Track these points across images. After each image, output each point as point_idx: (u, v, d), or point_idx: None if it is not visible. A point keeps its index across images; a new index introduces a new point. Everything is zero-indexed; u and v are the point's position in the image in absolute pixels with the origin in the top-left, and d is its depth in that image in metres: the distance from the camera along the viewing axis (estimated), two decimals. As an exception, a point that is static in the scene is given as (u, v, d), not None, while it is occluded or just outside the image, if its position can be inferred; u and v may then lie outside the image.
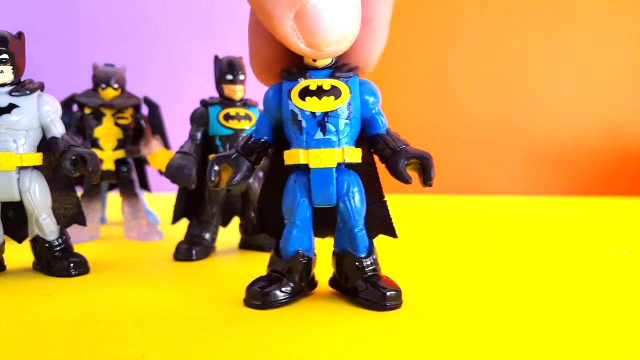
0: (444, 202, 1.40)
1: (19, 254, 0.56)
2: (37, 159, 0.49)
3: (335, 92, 0.37)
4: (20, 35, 0.49)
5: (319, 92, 0.37)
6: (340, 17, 0.34)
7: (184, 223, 0.64)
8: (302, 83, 0.38)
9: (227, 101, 0.61)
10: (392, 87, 1.88)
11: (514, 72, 1.82)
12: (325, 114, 0.37)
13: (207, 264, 0.56)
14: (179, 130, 0.89)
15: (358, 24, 0.35)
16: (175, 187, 0.59)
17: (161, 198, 1.07)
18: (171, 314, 0.37)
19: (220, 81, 0.61)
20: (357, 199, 0.38)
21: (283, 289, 0.38)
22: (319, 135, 0.37)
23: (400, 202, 1.40)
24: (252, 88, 0.69)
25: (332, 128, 0.37)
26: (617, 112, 1.76)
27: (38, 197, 0.49)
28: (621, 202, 1.47)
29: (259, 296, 0.38)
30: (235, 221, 0.67)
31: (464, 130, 1.83)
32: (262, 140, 0.40)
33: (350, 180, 0.38)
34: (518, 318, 0.36)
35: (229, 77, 0.61)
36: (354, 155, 0.38)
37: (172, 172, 0.55)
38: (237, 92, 0.61)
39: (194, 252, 0.58)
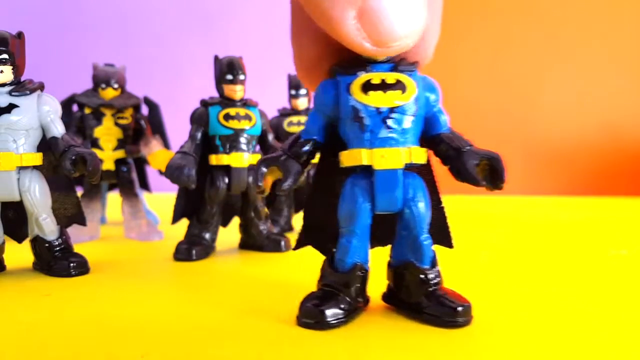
0: (445, 203, 1.40)
1: (19, 254, 0.56)
2: (37, 159, 0.49)
3: (401, 86, 0.34)
4: (20, 35, 0.49)
5: (384, 86, 0.33)
6: (406, 8, 0.31)
7: (184, 223, 0.64)
8: (363, 77, 0.34)
9: (227, 101, 0.61)
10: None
11: (514, 72, 1.82)
12: (391, 110, 0.33)
13: (207, 264, 0.56)
14: (179, 130, 0.89)
15: (425, 14, 0.32)
16: (175, 187, 0.59)
17: (161, 198, 1.07)
18: (171, 314, 0.37)
19: (220, 81, 0.61)
20: (422, 205, 0.34)
21: (341, 306, 0.34)
22: (383, 133, 0.33)
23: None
24: (252, 88, 0.69)
25: (398, 126, 0.33)
26: (617, 112, 1.76)
27: (38, 197, 0.49)
28: (621, 202, 1.47)
29: (315, 314, 0.34)
30: (235, 221, 0.67)
31: (463, 130, 1.82)
32: (313, 140, 0.36)
33: (415, 184, 0.34)
34: (515, 321, 0.36)
35: (229, 77, 0.61)
36: (420, 155, 0.34)
37: (172, 172, 0.55)
38: (237, 92, 0.61)
39: (194, 252, 0.58)
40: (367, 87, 0.34)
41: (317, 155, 0.38)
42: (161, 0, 1.92)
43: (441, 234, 0.38)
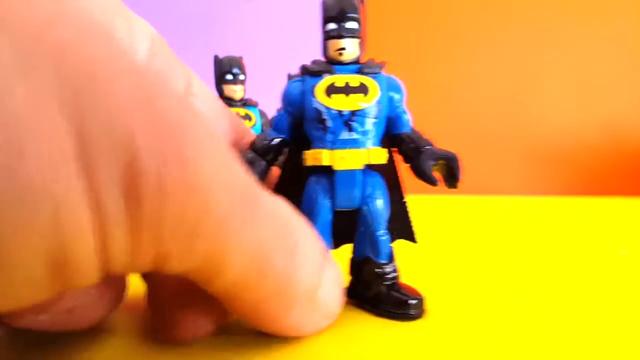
0: (442, 203, 1.40)
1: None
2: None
3: (363, 89, 0.35)
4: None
5: (347, 89, 0.35)
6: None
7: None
8: (328, 79, 0.36)
9: (227, 101, 0.61)
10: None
11: (513, 71, 1.82)
12: (353, 113, 0.35)
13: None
14: (178, 130, 0.89)
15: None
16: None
17: (161, 198, 1.07)
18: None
19: (220, 81, 0.61)
20: (380, 202, 0.36)
21: None
22: (344, 135, 0.35)
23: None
24: (252, 88, 0.69)
25: (359, 127, 0.35)
26: (617, 112, 1.76)
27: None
28: (621, 202, 1.48)
29: None
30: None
31: (462, 129, 1.83)
32: (280, 138, 0.38)
33: (374, 182, 0.36)
34: (524, 318, 0.36)
35: (229, 77, 0.61)
36: (380, 156, 0.36)
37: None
38: (237, 92, 0.61)
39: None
40: (331, 89, 0.35)
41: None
42: (161, 1, 1.92)
43: (404, 229, 0.39)
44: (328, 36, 0.37)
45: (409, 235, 0.39)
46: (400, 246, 0.40)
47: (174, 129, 0.21)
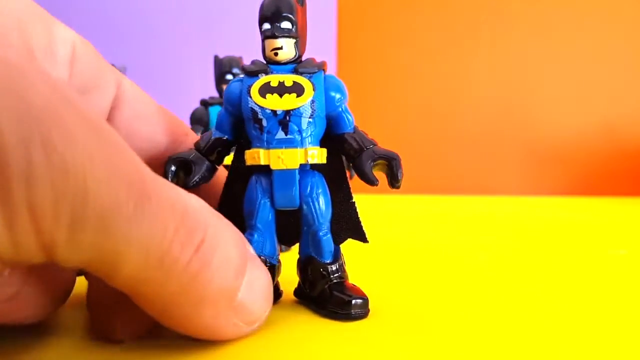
0: (441, 203, 1.40)
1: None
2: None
3: (297, 89, 0.35)
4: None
5: (281, 89, 0.35)
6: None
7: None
8: (263, 79, 0.36)
9: (227, 101, 0.62)
10: (390, 85, 1.88)
11: (514, 72, 1.82)
12: (287, 113, 0.35)
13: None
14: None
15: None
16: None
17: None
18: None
19: (220, 81, 0.62)
20: (321, 202, 0.36)
21: None
22: (280, 134, 0.35)
23: (395, 202, 1.40)
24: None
25: (295, 127, 0.35)
26: (617, 111, 1.76)
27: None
28: (621, 202, 1.48)
29: None
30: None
31: (462, 129, 1.83)
32: (223, 138, 0.38)
33: (314, 182, 0.36)
34: (513, 321, 0.36)
35: (229, 77, 0.61)
36: (319, 155, 0.36)
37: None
38: (237, 92, 0.61)
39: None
40: (265, 89, 0.35)
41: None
42: (161, 0, 1.92)
43: (354, 229, 0.39)
44: (264, 36, 0.37)
45: (360, 236, 0.38)
46: (395, 248, 0.40)
47: (40, 117, 0.21)
